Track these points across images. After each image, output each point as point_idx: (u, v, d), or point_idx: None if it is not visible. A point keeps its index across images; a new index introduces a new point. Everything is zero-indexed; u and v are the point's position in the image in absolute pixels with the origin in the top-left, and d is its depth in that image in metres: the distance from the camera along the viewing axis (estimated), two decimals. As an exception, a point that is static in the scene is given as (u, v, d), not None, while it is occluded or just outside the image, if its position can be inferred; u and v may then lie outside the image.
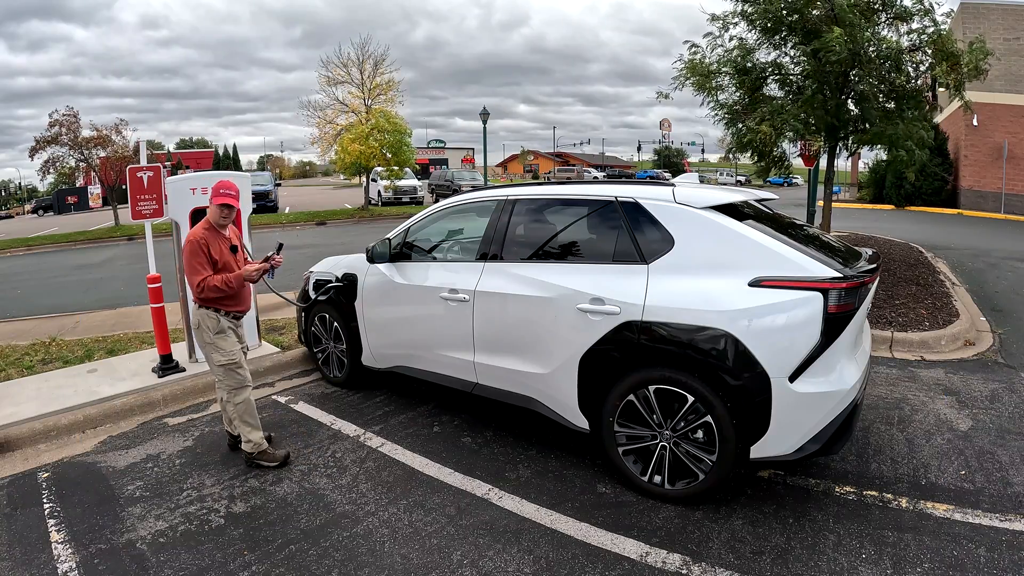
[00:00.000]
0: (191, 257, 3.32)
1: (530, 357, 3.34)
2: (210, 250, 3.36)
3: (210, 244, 3.37)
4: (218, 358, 3.42)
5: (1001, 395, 4.24)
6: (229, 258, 3.48)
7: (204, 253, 3.34)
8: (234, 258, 3.52)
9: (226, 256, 3.46)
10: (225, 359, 3.42)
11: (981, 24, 17.89)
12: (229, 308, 3.48)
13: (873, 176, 24.46)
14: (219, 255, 3.40)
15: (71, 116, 18.43)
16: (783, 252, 2.75)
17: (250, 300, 3.73)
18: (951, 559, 2.46)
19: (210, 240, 3.38)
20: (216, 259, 3.39)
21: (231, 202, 3.37)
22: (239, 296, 3.52)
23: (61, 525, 2.90)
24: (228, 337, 3.46)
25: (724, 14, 8.04)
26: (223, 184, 3.41)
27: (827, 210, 8.89)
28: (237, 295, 3.49)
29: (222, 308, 3.45)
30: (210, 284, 3.31)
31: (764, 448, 2.69)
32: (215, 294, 3.35)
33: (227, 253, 3.46)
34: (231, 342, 3.46)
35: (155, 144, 53.25)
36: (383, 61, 22.03)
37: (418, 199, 25.37)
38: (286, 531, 2.80)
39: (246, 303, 3.63)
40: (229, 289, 3.34)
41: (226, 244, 3.48)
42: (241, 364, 3.48)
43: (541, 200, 3.64)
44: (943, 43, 6.96)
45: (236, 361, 3.44)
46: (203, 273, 3.33)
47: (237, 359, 3.45)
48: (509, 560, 2.55)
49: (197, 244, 3.32)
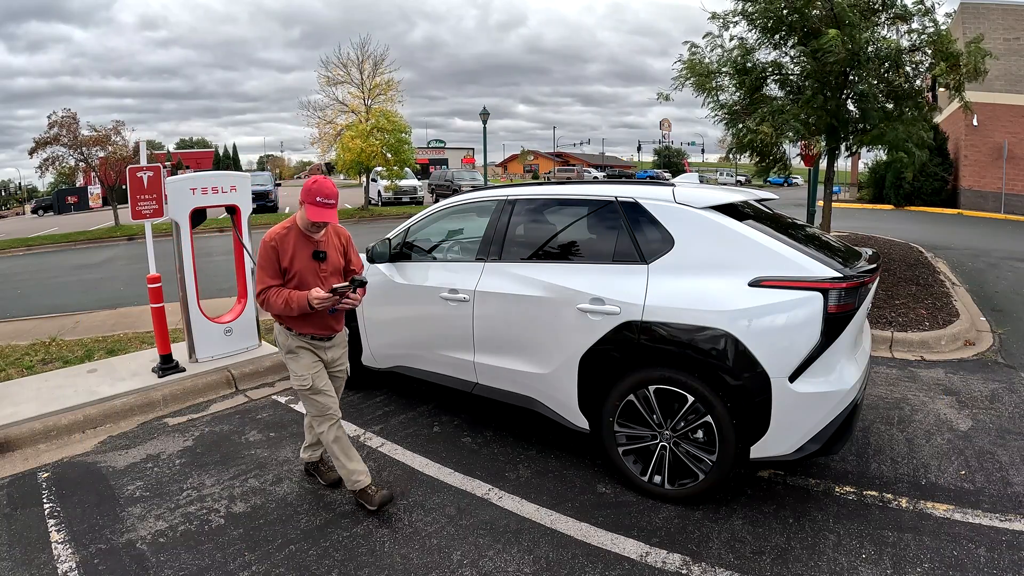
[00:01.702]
0: (259, 260, 2.80)
1: (530, 357, 3.34)
2: (280, 256, 2.76)
3: (282, 248, 2.76)
4: (292, 379, 2.97)
5: (1001, 395, 4.24)
6: (307, 267, 2.80)
7: (273, 259, 2.76)
8: (317, 267, 2.82)
9: (303, 265, 2.79)
10: (297, 383, 2.92)
11: (981, 24, 17.88)
12: (302, 330, 2.89)
13: (873, 176, 24.47)
14: (291, 262, 2.77)
15: (70, 117, 18.45)
16: (783, 252, 2.75)
17: (333, 323, 2.97)
18: (951, 559, 2.46)
19: (284, 244, 2.77)
20: (287, 267, 2.77)
21: (329, 219, 2.72)
22: (312, 319, 2.85)
23: (61, 525, 2.90)
24: (300, 359, 2.91)
25: (724, 13, 8.04)
26: (321, 188, 2.69)
27: (827, 210, 8.89)
28: (310, 317, 2.83)
29: (293, 328, 2.89)
30: (270, 300, 2.75)
31: (764, 448, 2.69)
32: (277, 311, 2.79)
33: (305, 261, 2.80)
34: (303, 364, 2.90)
35: (155, 144, 53.29)
36: (383, 61, 22.08)
37: (418, 199, 25.38)
38: (286, 531, 2.80)
39: (325, 327, 2.93)
40: (290, 311, 2.75)
41: (307, 250, 2.81)
42: (318, 390, 2.90)
43: (541, 200, 3.64)
44: (943, 43, 6.96)
45: (309, 387, 2.89)
46: (266, 282, 2.77)
47: (310, 384, 2.89)
48: (509, 560, 2.55)
49: (266, 247, 2.76)
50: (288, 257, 2.77)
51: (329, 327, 2.96)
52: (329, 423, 2.92)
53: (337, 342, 3.05)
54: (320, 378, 2.93)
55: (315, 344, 2.95)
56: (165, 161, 35.05)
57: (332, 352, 3.03)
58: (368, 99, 21.73)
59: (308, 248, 2.82)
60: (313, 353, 2.95)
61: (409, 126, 21.19)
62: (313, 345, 2.94)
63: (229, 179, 4.99)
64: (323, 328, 2.93)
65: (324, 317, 2.90)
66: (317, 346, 2.96)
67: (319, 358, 2.97)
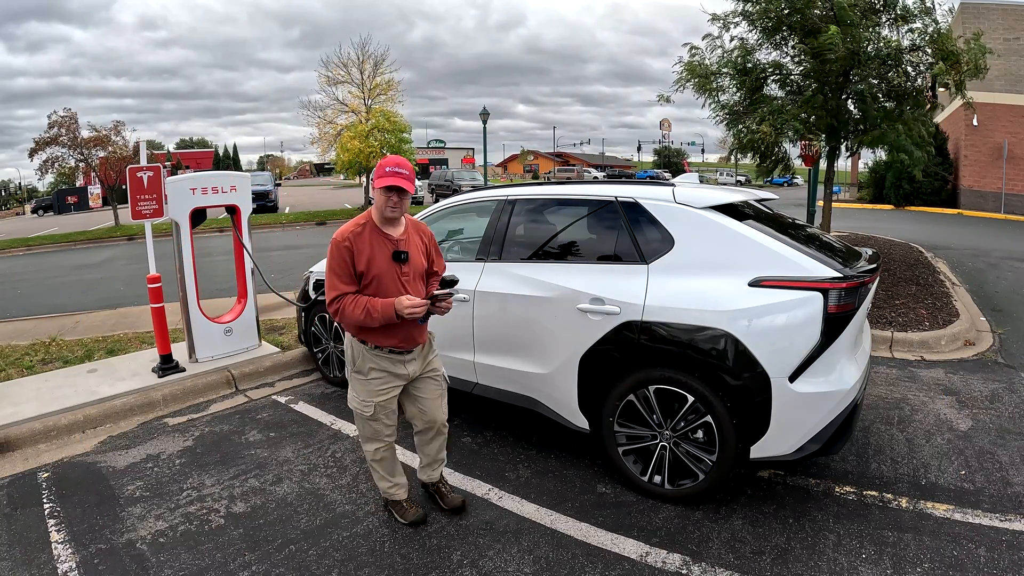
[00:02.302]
0: (329, 263, 2.45)
1: (530, 357, 3.34)
2: (355, 257, 2.42)
3: (357, 248, 2.42)
4: (351, 399, 2.67)
5: (1001, 395, 4.23)
6: (387, 270, 2.45)
7: (346, 262, 2.42)
8: (398, 270, 2.47)
9: (381, 266, 2.44)
10: (358, 406, 2.63)
11: (981, 24, 17.83)
12: (381, 343, 2.53)
13: (873, 176, 24.48)
14: (368, 265, 2.43)
15: (70, 117, 18.47)
16: (783, 252, 2.75)
17: (418, 334, 2.62)
18: (951, 559, 2.46)
19: (359, 243, 2.43)
20: (363, 271, 2.43)
21: (401, 183, 2.37)
22: (397, 330, 2.51)
23: (61, 525, 2.90)
24: (369, 383, 2.59)
25: (725, 14, 8.05)
26: (390, 160, 2.42)
27: (827, 210, 8.89)
28: (395, 328, 2.49)
29: (370, 341, 2.54)
30: (346, 311, 2.41)
31: (764, 448, 2.69)
32: (354, 323, 2.45)
33: (384, 263, 2.45)
34: (371, 389, 2.59)
35: (155, 144, 53.30)
36: (383, 61, 22.09)
37: (418, 199, 25.39)
38: (286, 531, 2.80)
39: (409, 339, 2.57)
40: (371, 322, 2.41)
41: (387, 248, 2.47)
42: (378, 419, 2.63)
43: (541, 200, 3.64)
44: (943, 42, 6.96)
45: (370, 415, 2.61)
46: (339, 289, 2.42)
47: (371, 412, 2.61)
48: (509, 560, 2.55)
49: (338, 247, 2.42)
50: (364, 259, 2.42)
51: (413, 339, 2.59)
52: (376, 445, 2.71)
53: (419, 354, 2.68)
54: (386, 407, 2.63)
55: (393, 359, 2.58)
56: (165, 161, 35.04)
57: (414, 366, 2.66)
58: (368, 99, 21.73)
59: (387, 248, 2.46)
60: (388, 374, 2.59)
61: (410, 126, 21.21)
62: (391, 360, 2.58)
63: (229, 179, 4.99)
64: (407, 340, 2.57)
65: (410, 328, 2.54)
66: (395, 360, 2.59)
67: (395, 376, 2.62)
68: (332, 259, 2.44)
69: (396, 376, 2.62)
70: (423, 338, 2.68)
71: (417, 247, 2.60)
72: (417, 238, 2.62)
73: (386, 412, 2.65)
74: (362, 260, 2.43)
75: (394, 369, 2.61)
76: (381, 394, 2.60)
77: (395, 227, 2.54)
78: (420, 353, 2.69)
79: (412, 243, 2.57)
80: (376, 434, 2.68)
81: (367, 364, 2.57)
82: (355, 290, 2.45)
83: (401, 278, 2.50)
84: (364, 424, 2.67)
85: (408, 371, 2.65)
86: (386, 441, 2.71)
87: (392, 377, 2.62)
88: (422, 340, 2.67)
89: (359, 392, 2.62)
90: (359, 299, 2.41)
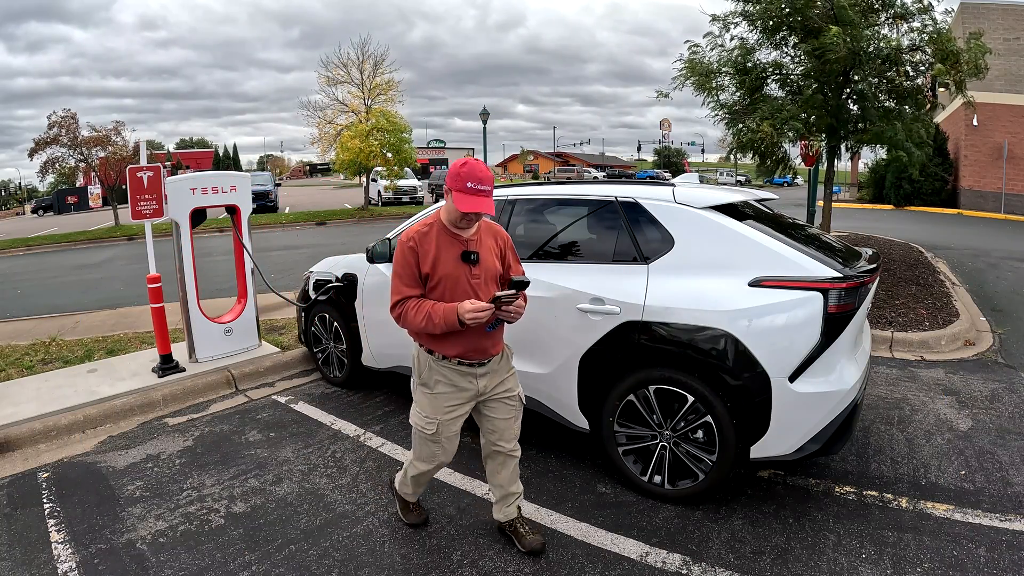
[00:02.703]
0: (395, 266, 2.32)
1: (530, 357, 3.34)
2: (420, 259, 2.26)
3: (422, 250, 2.27)
4: (414, 414, 2.45)
5: (1001, 395, 4.24)
6: (455, 272, 2.27)
7: (411, 264, 2.27)
8: (468, 272, 2.28)
9: (450, 269, 2.27)
10: (419, 421, 2.42)
11: (981, 24, 17.85)
12: (447, 352, 2.33)
13: (873, 176, 24.48)
14: (434, 266, 2.26)
15: (70, 117, 18.48)
16: (783, 252, 2.75)
17: (489, 343, 2.37)
18: (951, 559, 2.46)
19: (425, 243, 2.27)
20: (428, 272, 2.26)
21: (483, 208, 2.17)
22: (463, 338, 2.29)
23: (61, 525, 2.90)
24: (435, 397, 2.38)
25: (725, 14, 8.05)
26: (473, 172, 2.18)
27: (827, 210, 8.89)
28: (460, 335, 2.28)
29: (436, 350, 2.35)
30: (408, 316, 2.26)
31: (764, 448, 2.69)
32: (416, 329, 2.30)
33: (452, 264, 2.27)
34: (436, 405, 2.38)
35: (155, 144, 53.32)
36: (383, 61, 22.06)
37: (418, 199, 25.39)
38: (286, 531, 2.80)
39: (479, 349, 2.34)
40: (432, 328, 2.22)
41: (455, 250, 2.29)
42: (439, 439, 2.41)
43: (541, 200, 3.64)
44: (943, 42, 6.97)
45: (433, 433, 2.39)
46: (402, 293, 2.28)
47: (434, 430, 2.38)
48: (509, 560, 2.55)
49: (403, 249, 2.28)
50: (430, 260, 2.25)
51: (483, 349, 2.35)
52: (425, 468, 2.52)
53: (493, 368, 2.42)
54: (450, 428, 2.40)
55: (462, 371, 2.36)
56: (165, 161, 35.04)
57: (486, 380, 2.40)
58: (368, 99, 21.73)
59: (456, 248, 2.28)
60: (456, 388, 2.37)
61: (410, 126, 21.20)
62: (459, 373, 2.36)
63: (229, 179, 4.99)
64: (475, 350, 2.34)
65: (478, 336, 2.31)
66: (465, 374, 2.36)
67: (463, 391, 2.38)
68: (396, 261, 2.30)
69: (464, 391, 2.38)
70: (496, 349, 2.41)
71: (490, 249, 2.39)
72: (490, 240, 2.41)
73: (448, 436, 2.41)
74: (427, 261, 2.26)
75: (462, 383, 2.37)
76: (447, 411, 2.37)
77: (468, 228, 2.35)
78: (493, 367, 2.43)
79: (484, 244, 2.37)
80: (431, 457, 2.46)
81: (433, 376, 2.37)
82: (419, 294, 2.29)
83: (471, 281, 2.29)
84: (422, 444, 2.45)
85: (479, 387, 2.39)
86: (438, 464, 2.52)
87: (460, 392, 2.37)
88: (495, 351, 2.41)
89: (423, 407, 2.41)
90: (422, 304, 2.25)
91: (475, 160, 2.24)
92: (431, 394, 2.39)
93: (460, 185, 2.19)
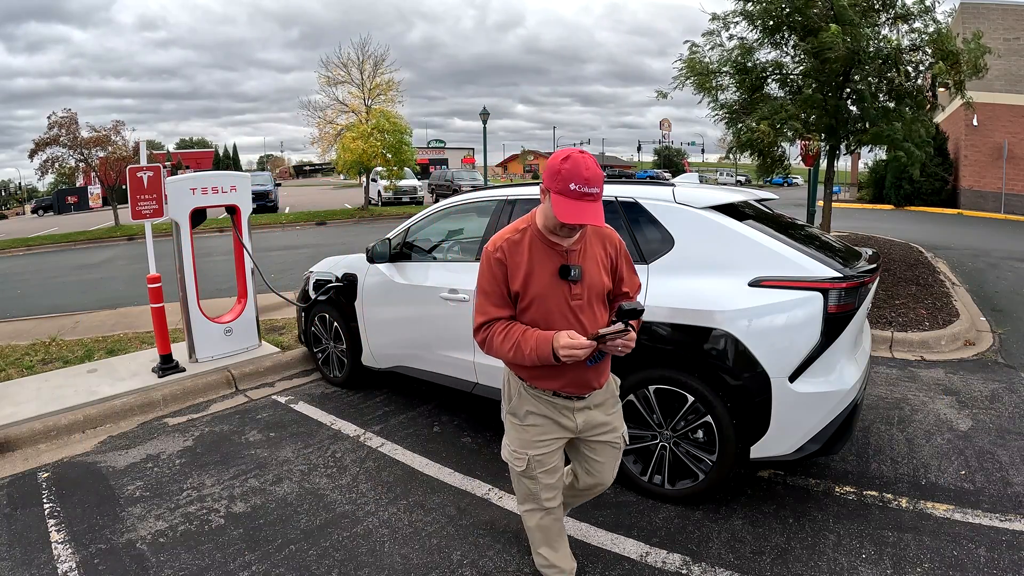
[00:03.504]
0: (479, 280, 1.96)
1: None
2: (509, 273, 1.90)
3: (512, 262, 1.90)
4: (504, 446, 2.14)
5: (1001, 395, 4.23)
6: (551, 291, 1.89)
7: (499, 279, 1.91)
8: (568, 292, 1.89)
9: (545, 287, 1.89)
10: (508, 456, 2.11)
11: (981, 24, 17.85)
12: (541, 384, 2.00)
13: (873, 176, 24.49)
14: (526, 283, 1.89)
15: (70, 117, 18.48)
16: (783, 252, 2.75)
17: (592, 376, 2.00)
18: (951, 559, 2.46)
19: (516, 254, 1.90)
20: (519, 291, 1.90)
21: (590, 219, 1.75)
22: (560, 371, 1.94)
23: (61, 525, 2.90)
24: (524, 429, 2.05)
25: (725, 13, 8.06)
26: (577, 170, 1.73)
27: (827, 210, 8.89)
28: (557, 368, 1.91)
29: (527, 379, 2.02)
30: (494, 342, 1.90)
31: (764, 448, 2.69)
32: (504, 359, 1.98)
33: (548, 281, 1.89)
34: (526, 439, 2.04)
35: (155, 144, 53.32)
36: (383, 61, 22.08)
37: (418, 199, 25.40)
38: (286, 531, 2.80)
39: (579, 382, 1.98)
40: (522, 359, 1.87)
41: (552, 263, 1.90)
42: (534, 476, 2.06)
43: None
44: (943, 42, 6.97)
45: (523, 470, 2.07)
46: (487, 314, 1.92)
47: (524, 467, 2.06)
48: (509, 560, 2.55)
49: (489, 260, 1.92)
50: (521, 275, 1.88)
51: (585, 382, 1.99)
52: (535, 509, 2.15)
53: (595, 401, 2.06)
54: (543, 463, 2.05)
55: (558, 404, 2.02)
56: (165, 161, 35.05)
57: (586, 417, 2.05)
58: (368, 99, 21.74)
59: (553, 261, 1.89)
60: (550, 422, 2.03)
61: (410, 127, 21.22)
62: (554, 406, 2.02)
63: (229, 179, 4.99)
64: (575, 384, 1.99)
65: (580, 369, 1.94)
66: (560, 407, 2.02)
67: (558, 426, 2.04)
68: (481, 274, 1.93)
69: (559, 427, 2.05)
70: (600, 382, 2.03)
71: (598, 260, 1.96)
72: (598, 247, 1.98)
73: (545, 469, 2.06)
74: (518, 276, 1.88)
75: (558, 418, 2.03)
76: (538, 446, 2.04)
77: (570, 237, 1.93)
78: (596, 400, 2.07)
79: (590, 254, 1.95)
80: (531, 495, 2.11)
81: (524, 406, 2.04)
82: (508, 315, 1.93)
83: (571, 302, 1.90)
84: (518, 481, 2.13)
85: (576, 423, 2.05)
86: (546, 507, 2.12)
87: (554, 427, 2.04)
88: (598, 384, 2.03)
89: (512, 440, 2.09)
90: (512, 329, 1.88)
91: (581, 153, 1.78)
92: (520, 426, 2.06)
93: (560, 186, 1.75)
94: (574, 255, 1.92)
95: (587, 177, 1.73)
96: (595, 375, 2.01)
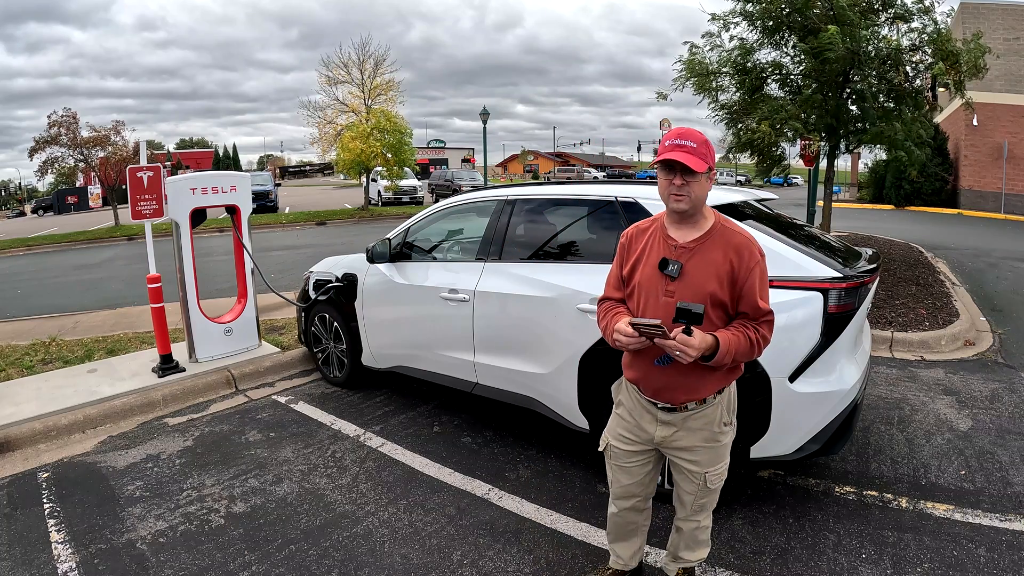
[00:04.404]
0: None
1: (530, 357, 3.34)
2: (625, 256, 1.97)
3: (631, 247, 1.96)
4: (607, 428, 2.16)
5: (1001, 395, 4.23)
6: (649, 281, 1.88)
7: (618, 261, 2.00)
8: (663, 285, 1.84)
9: (646, 276, 1.88)
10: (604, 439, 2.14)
11: (981, 24, 17.86)
12: (626, 373, 2.03)
13: (873, 176, 24.47)
14: (633, 269, 1.93)
15: (70, 117, 18.48)
16: (783, 252, 2.75)
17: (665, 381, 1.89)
18: (951, 559, 2.46)
19: (636, 241, 1.96)
20: (627, 276, 1.96)
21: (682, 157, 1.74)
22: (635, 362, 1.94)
23: (61, 525, 2.90)
24: (616, 414, 2.09)
25: (725, 14, 8.06)
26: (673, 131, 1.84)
27: (827, 210, 8.90)
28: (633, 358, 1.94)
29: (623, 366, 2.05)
30: (598, 320, 2.00)
31: (764, 448, 2.69)
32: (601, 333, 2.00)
33: (648, 270, 1.88)
34: (614, 423, 2.09)
35: (155, 144, 53.28)
36: (383, 61, 22.10)
37: (418, 199, 25.40)
38: (286, 531, 2.80)
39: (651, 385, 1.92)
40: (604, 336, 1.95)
41: (658, 255, 1.87)
42: (609, 461, 2.12)
43: (541, 200, 3.64)
44: (942, 42, 6.98)
45: (603, 448, 2.13)
46: (604, 292, 2.03)
47: (603, 446, 2.12)
48: (509, 560, 2.55)
49: (620, 242, 2.03)
50: (632, 261, 1.92)
51: (654, 387, 1.91)
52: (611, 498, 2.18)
53: (681, 422, 1.93)
54: (620, 457, 2.06)
55: (642, 401, 1.98)
56: (165, 161, 35.08)
57: (666, 432, 1.95)
58: (368, 99, 21.74)
59: (660, 253, 1.87)
60: (634, 420, 2.01)
61: (410, 127, 21.23)
62: (638, 402, 1.99)
63: (229, 179, 4.99)
64: (646, 383, 1.93)
65: (646, 365, 1.89)
66: (646, 407, 1.98)
67: (640, 428, 2.00)
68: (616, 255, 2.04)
69: (640, 428, 2.00)
70: (678, 398, 1.89)
71: (712, 265, 1.82)
72: (718, 252, 1.83)
73: (617, 464, 2.07)
74: (630, 261, 1.93)
75: (640, 418, 1.99)
76: (617, 437, 2.06)
77: (686, 227, 1.87)
78: (681, 421, 1.93)
79: (703, 257, 1.83)
80: (612, 482, 2.14)
81: (620, 393, 2.09)
82: (619, 297, 1.97)
83: (663, 296, 1.83)
84: (607, 464, 2.14)
85: (654, 433, 1.97)
86: (615, 501, 2.14)
87: (635, 427, 2.01)
88: (675, 400, 1.90)
89: (609, 421, 2.14)
90: (610, 309, 1.94)
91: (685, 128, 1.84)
92: (614, 410, 2.11)
93: (661, 147, 1.83)
94: (684, 252, 1.84)
95: (680, 133, 1.81)
96: (665, 384, 1.88)
